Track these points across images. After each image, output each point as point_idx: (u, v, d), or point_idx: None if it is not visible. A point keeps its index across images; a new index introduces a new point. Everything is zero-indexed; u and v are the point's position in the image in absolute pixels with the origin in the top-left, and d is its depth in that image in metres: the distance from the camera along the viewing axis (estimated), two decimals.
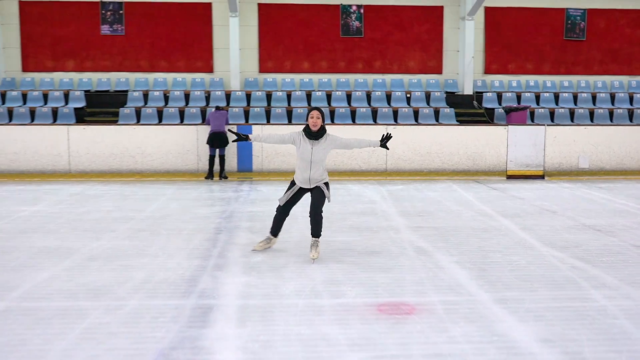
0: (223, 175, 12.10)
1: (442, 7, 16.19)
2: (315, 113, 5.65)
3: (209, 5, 15.77)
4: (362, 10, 16.03)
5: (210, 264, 5.65)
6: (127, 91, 15.28)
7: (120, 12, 15.62)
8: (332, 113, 14.44)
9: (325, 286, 4.96)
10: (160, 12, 15.70)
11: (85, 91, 15.22)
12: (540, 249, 6.30)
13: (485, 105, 15.54)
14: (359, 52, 16.17)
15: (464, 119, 14.83)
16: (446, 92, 15.84)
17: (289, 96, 15.21)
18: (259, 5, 15.88)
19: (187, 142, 12.49)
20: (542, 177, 12.45)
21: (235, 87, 15.59)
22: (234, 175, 12.55)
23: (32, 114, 14.17)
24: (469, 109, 15.50)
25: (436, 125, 13.11)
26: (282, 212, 5.93)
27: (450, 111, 14.53)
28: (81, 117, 14.40)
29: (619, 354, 3.68)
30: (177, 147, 12.49)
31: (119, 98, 15.08)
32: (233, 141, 5.99)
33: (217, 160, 12.15)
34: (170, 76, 15.90)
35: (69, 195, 9.97)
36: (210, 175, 12.04)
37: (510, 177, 12.44)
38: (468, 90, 15.94)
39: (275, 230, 6.01)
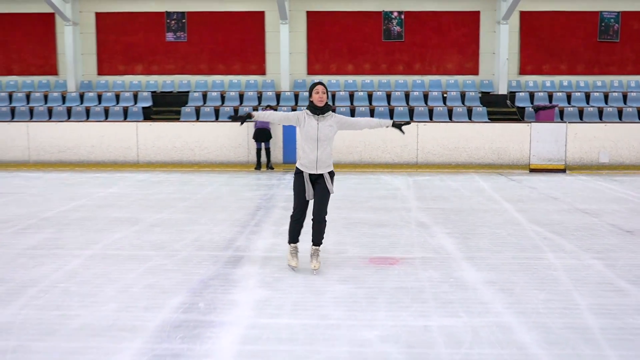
0: (269, 166, 13.62)
1: (478, 12, 17.22)
2: (320, 88, 5.28)
3: (262, 13, 17.32)
4: (402, 16, 17.25)
5: (247, 230, 7.10)
6: (188, 92, 17.00)
7: (183, 21, 17.36)
8: (371, 112, 15.73)
9: (333, 245, 6.33)
10: (219, 21, 17.35)
11: (152, 92, 17.04)
12: (524, 225, 7.47)
13: (518, 104, 16.50)
14: (399, 55, 17.39)
15: (496, 117, 15.85)
16: (481, 92, 16.88)
17: (333, 96, 16.58)
18: (308, 13, 17.32)
19: (239, 137, 14.07)
20: (563, 170, 13.40)
21: (285, 88, 17.09)
22: (280, 167, 14.04)
23: (106, 112, 16.05)
24: (502, 108, 16.50)
25: (464, 123, 14.24)
26: (297, 221, 5.41)
27: (483, 110, 15.59)
28: (148, 115, 16.19)
29: (541, 291, 4.88)
30: (230, 141, 14.09)
31: (181, 98, 16.82)
32: (233, 120, 5.49)
33: (263, 152, 13.71)
34: (226, 78, 17.54)
35: (137, 181, 11.66)
36: (258, 166, 13.59)
37: (533, 170, 13.44)
38: (502, 90, 16.93)
39: (295, 237, 5.47)
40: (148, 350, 3.67)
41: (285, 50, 17.08)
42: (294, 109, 15.87)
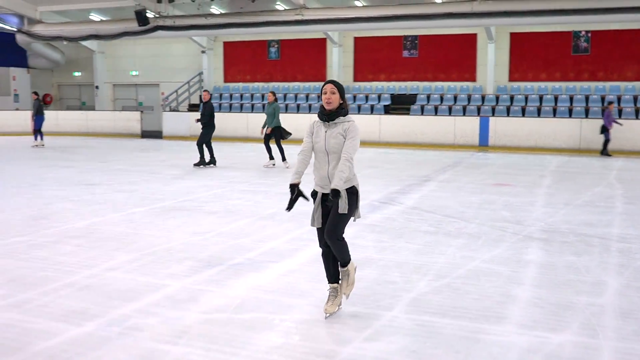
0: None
1: None
2: (328, 87, 4.35)
3: (475, 35, 22.90)
4: (589, 34, 21.60)
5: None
6: (416, 94, 23.22)
7: (415, 41, 23.63)
8: (554, 111, 20.52)
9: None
10: (442, 41, 23.30)
11: (391, 94, 23.58)
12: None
13: None
14: (585, 66, 21.77)
15: None
16: None
17: (526, 98, 21.58)
18: (511, 34, 22.50)
19: (439, 132, 20.04)
20: None
21: (490, 92, 22.48)
22: (475, 148, 19.68)
23: (359, 108, 22.97)
24: None
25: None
26: (324, 252, 4.58)
27: None
28: (387, 110, 22.76)
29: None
30: (440, 129, 20.14)
31: (411, 98, 23.10)
32: (291, 203, 4.47)
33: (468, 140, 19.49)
34: (445, 84, 23.43)
35: (377, 154, 18.22)
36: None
37: None
38: None
39: (330, 275, 4.62)
40: None
41: (492, 63, 22.45)
42: (492, 108, 21.27)
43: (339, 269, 4.57)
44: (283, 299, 4.94)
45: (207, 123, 14.17)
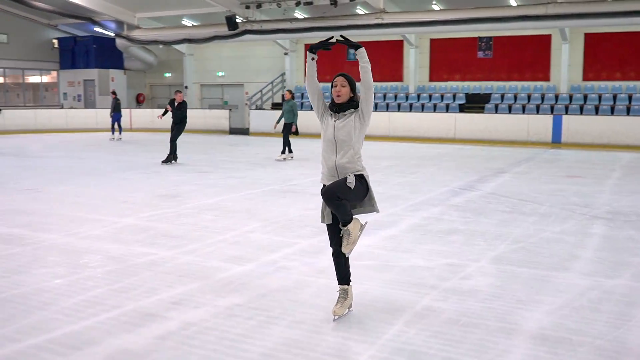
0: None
1: None
2: (339, 79, 4.36)
3: (549, 36, 23.60)
4: None
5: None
6: (490, 94, 24.11)
7: (490, 42, 24.52)
8: (627, 109, 21.04)
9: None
10: (516, 42, 24.10)
11: (465, 93, 24.56)
12: None
13: None
14: None
15: None
16: None
17: (599, 97, 22.15)
18: (585, 34, 23.09)
19: (519, 124, 20.91)
20: None
21: (563, 91, 23.14)
22: (548, 145, 20.46)
23: (435, 106, 24.08)
24: None
25: None
26: (335, 251, 4.51)
27: None
28: (462, 109, 23.77)
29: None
30: (513, 127, 21.01)
31: (485, 98, 24.02)
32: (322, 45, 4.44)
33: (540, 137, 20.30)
34: (519, 84, 24.22)
35: (453, 150, 19.30)
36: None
37: None
38: None
39: (340, 276, 4.56)
40: None
41: (565, 63, 23.09)
42: (566, 107, 21.97)
43: (340, 227, 4.39)
44: (389, 253, 6.31)
45: (183, 120, 15.32)
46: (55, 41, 31.18)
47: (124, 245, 6.58)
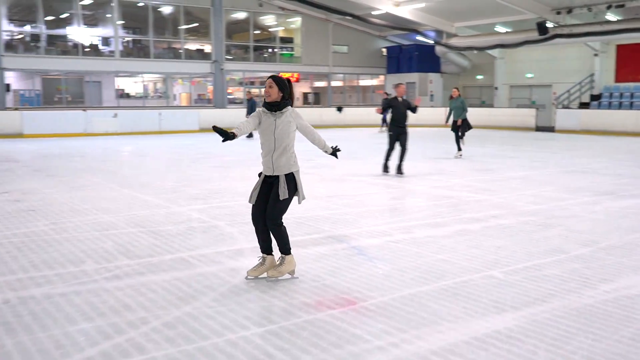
0: None
1: None
2: (268, 81, 4.82)
3: None
4: None
5: None
6: None
7: None
8: None
9: None
10: None
11: None
12: None
13: None
14: None
15: None
16: None
17: None
18: None
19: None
20: None
21: None
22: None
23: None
24: None
25: None
26: (255, 220, 4.94)
27: None
28: None
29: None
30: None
31: None
32: (222, 141, 4.66)
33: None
34: None
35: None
36: None
37: None
38: None
39: (263, 246, 5.01)
40: None
41: None
42: None
43: (280, 253, 4.95)
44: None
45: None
46: (384, 50, 36.62)
47: None
